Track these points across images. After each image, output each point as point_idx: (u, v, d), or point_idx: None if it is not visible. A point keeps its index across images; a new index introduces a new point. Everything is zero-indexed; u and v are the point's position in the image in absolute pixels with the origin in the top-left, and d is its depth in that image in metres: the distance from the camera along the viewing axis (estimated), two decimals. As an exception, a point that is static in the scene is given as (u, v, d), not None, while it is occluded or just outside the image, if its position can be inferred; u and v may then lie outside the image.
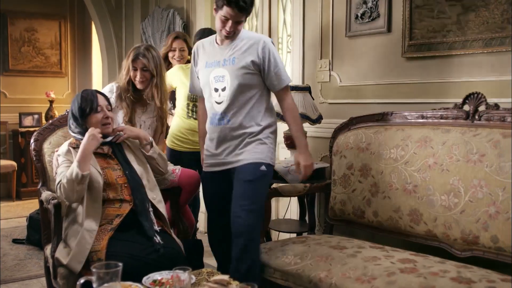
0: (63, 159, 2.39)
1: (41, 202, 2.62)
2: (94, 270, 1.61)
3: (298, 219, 3.41)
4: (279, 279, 2.39)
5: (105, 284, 1.62)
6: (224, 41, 2.47)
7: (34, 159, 2.71)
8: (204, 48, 2.57)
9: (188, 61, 3.46)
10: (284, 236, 3.29)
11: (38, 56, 6.50)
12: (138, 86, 2.79)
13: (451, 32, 2.59)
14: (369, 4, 2.98)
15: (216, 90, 2.46)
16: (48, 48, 6.55)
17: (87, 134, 2.35)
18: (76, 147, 2.41)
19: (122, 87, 2.80)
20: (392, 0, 2.89)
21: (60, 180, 2.28)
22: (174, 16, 4.65)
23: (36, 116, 6.31)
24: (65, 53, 6.67)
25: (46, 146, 2.73)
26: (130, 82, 2.80)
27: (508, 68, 2.43)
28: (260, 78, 2.46)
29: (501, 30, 2.41)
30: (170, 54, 3.54)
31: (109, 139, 2.47)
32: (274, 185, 2.99)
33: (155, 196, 2.49)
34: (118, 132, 2.51)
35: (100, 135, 2.38)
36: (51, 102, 6.25)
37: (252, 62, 2.41)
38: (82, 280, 1.67)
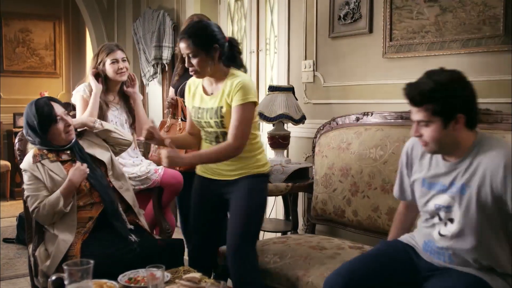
0: (29, 176, 2.37)
1: (24, 202, 2.64)
2: (65, 267, 1.64)
3: (283, 218, 3.43)
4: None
5: (80, 282, 1.65)
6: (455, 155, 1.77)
7: (19, 158, 2.73)
8: (416, 155, 1.91)
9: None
10: (270, 235, 3.31)
11: (33, 56, 6.54)
12: (121, 78, 2.83)
13: (430, 33, 2.61)
14: (352, 5, 2.99)
15: (440, 219, 1.82)
16: (42, 48, 6.59)
17: (73, 168, 2.34)
18: (41, 159, 2.40)
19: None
20: (373, 1, 2.91)
21: (38, 207, 2.29)
22: (164, 17, 4.67)
23: (30, 117, 6.34)
24: (60, 53, 6.71)
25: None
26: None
27: (485, 69, 2.45)
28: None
29: (478, 31, 2.43)
30: None
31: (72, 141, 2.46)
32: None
33: (121, 184, 2.49)
34: None
35: (88, 170, 2.36)
36: (45, 102, 6.28)
37: (492, 195, 1.67)
38: (53, 277, 1.69)
